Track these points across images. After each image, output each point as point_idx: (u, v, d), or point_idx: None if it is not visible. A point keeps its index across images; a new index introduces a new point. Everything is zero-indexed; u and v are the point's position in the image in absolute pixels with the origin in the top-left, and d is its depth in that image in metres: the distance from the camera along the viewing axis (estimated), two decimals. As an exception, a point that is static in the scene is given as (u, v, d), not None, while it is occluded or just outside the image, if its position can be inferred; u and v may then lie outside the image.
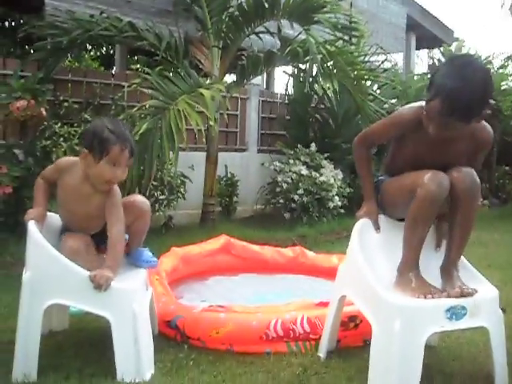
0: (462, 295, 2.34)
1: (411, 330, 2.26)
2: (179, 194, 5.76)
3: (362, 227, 2.63)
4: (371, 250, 2.57)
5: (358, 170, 2.92)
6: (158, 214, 5.60)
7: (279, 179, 6.68)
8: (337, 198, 6.70)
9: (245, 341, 2.80)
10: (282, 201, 6.64)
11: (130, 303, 2.40)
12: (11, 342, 2.48)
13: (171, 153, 4.83)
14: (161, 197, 5.44)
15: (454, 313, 2.31)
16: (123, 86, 6.26)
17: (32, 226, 2.47)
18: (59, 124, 5.38)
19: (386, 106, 8.09)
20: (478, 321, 2.38)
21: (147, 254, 2.78)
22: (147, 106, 5.04)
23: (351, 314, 2.82)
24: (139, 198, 2.74)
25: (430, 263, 2.55)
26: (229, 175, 7.03)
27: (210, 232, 4.93)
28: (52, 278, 2.41)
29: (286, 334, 2.82)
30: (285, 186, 6.61)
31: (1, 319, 3.10)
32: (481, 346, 2.87)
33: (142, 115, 5.12)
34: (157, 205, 5.49)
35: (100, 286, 2.35)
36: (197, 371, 2.53)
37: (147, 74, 5.25)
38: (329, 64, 5.85)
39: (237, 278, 4.06)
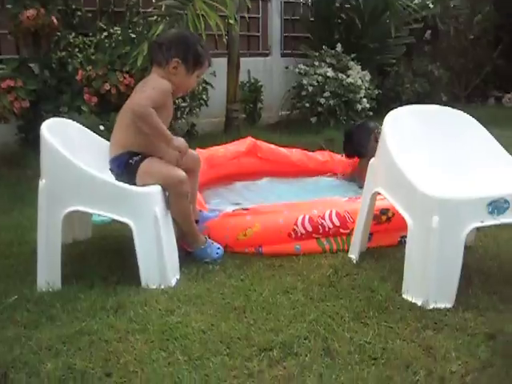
0: None
1: (450, 225, 2.14)
2: (201, 101, 5.58)
3: (394, 118, 2.44)
4: (406, 142, 2.39)
5: None
6: (180, 121, 5.46)
7: (304, 82, 6.42)
8: (365, 100, 6.42)
9: (273, 240, 2.72)
10: (307, 105, 6.41)
11: (150, 207, 2.31)
12: (35, 253, 2.42)
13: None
14: (182, 104, 5.27)
15: (496, 207, 2.16)
16: (138, -9, 5.96)
17: (45, 133, 2.34)
18: (73, 34, 5.18)
19: (416, 1, 7.64)
20: (520, 215, 2.23)
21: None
22: (163, 8, 4.78)
23: (383, 206, 2.68)
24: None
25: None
26: (252, 81, 6.79)
27: (234, 139, 4.77)
28: (69, 184, 2.31)
29: (315, 230, 2.73)
30: (310, 89, 6.35)
31: (24, 231, 3.06)
32: (520, 244, 2.74)
33: (158, 18, 4.87)
34: (179, 112, 5.34)
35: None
36: (224, 275, 2.45)
37: (161, -28, 4.95)
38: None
39: (263, 182, 3.93)
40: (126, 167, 2.48)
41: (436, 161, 2.39)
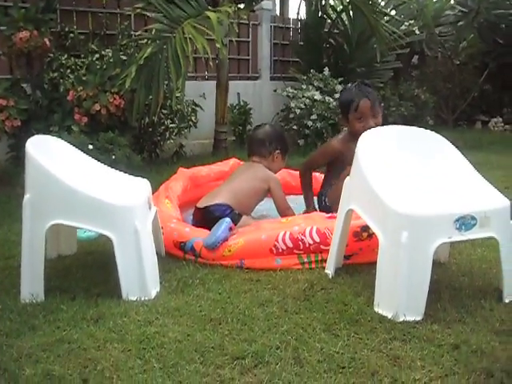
0: None
1: (419, 240, 2.21)
2: (190, 123, 5.68)
3: (367, 138, 2.54)
4: (378, 161, 2.49)
5: (303, 187, 3.70)
6: (168, 142, 5.56)
7: (292, 105, 6.55)
8: (351, 123, 6.55)
9: (255, 255, 2.81)
10: (295, 127, 6.52)
11: (131, 220, 2.37)
12: (20, 267, 2.48)
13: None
14: (171, 125, 5.37)
15: (464, 223, 2.24)
16: (130, 15, 6.11)
17: (30, 148, 2.42)
18: (66, 56, 5.29)
19: (402, 27, 7.83)
20: (487, 231, 2.31)
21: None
22: (153, 32, 4.91)
23: (364, 223, 2.70)
24: None
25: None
26: (242, 103, 6.91)
27: (221, 160, 4.86)
28: (51, 198, 2.38)
29: (295, 246, 2.80)
30: (298, 111, 6.47)
31: (12, 246, 3.11)
32: (492, 262, 2.81)
33: (148, 41, 5.00)
34: (167, 133, 5.43)
35: None
36: (202, 289, 2.52)
37: (151, -3, 5.09)
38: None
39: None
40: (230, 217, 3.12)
41: (407, 179, 2.47)
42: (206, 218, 3.21)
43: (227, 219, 2.96)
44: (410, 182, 2.45)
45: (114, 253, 2.39)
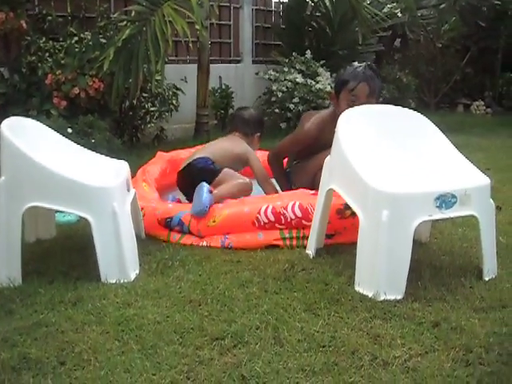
0: None
1: (399, 219, 2.20)
2: (171, 106, 5.63)
3: (348, 117, 2.52)
4: (359, 141, 2.47)
5: (275, 176, 3.58)
6: (149, 126, 5.51)
7: (274, 88, 6.50)
8: (333, 105, 6.53)
9: (238, 227, 2.83)
10: (277, 110, 6.49)
11: (109, 202, 2.33)
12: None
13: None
14: (152, 108, 5.31)
15: (444, 201, 2.24)
16: (109, -1, 6.00)
17: (4, 130, 2.37)
18: (44, 39, 5.19)
19: (385, 9, 7.80)
20: (468, 209, 2.32)
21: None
22: (132, 14, 4.83)
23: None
24: None
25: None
26: (223, 87, 6.86)
27: (203, 144, 4.82)
28: (28, 180, 2.33)
29: (277, 220, 2.82)
30: (280, 95, 6.44)
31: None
32: (473, 241, 2.81)
33: (128, 24, 4.92)
34: (148, 117, 5.37)
35: None
36: (182, 271, 2.50)
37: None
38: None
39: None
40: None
41: (387, 158, 2.46)
42: (190, 173, 3.38)
43: (204, 183, 3.02)
44: (391, 161, 2.45)
45: (92, 235, 2.36)
